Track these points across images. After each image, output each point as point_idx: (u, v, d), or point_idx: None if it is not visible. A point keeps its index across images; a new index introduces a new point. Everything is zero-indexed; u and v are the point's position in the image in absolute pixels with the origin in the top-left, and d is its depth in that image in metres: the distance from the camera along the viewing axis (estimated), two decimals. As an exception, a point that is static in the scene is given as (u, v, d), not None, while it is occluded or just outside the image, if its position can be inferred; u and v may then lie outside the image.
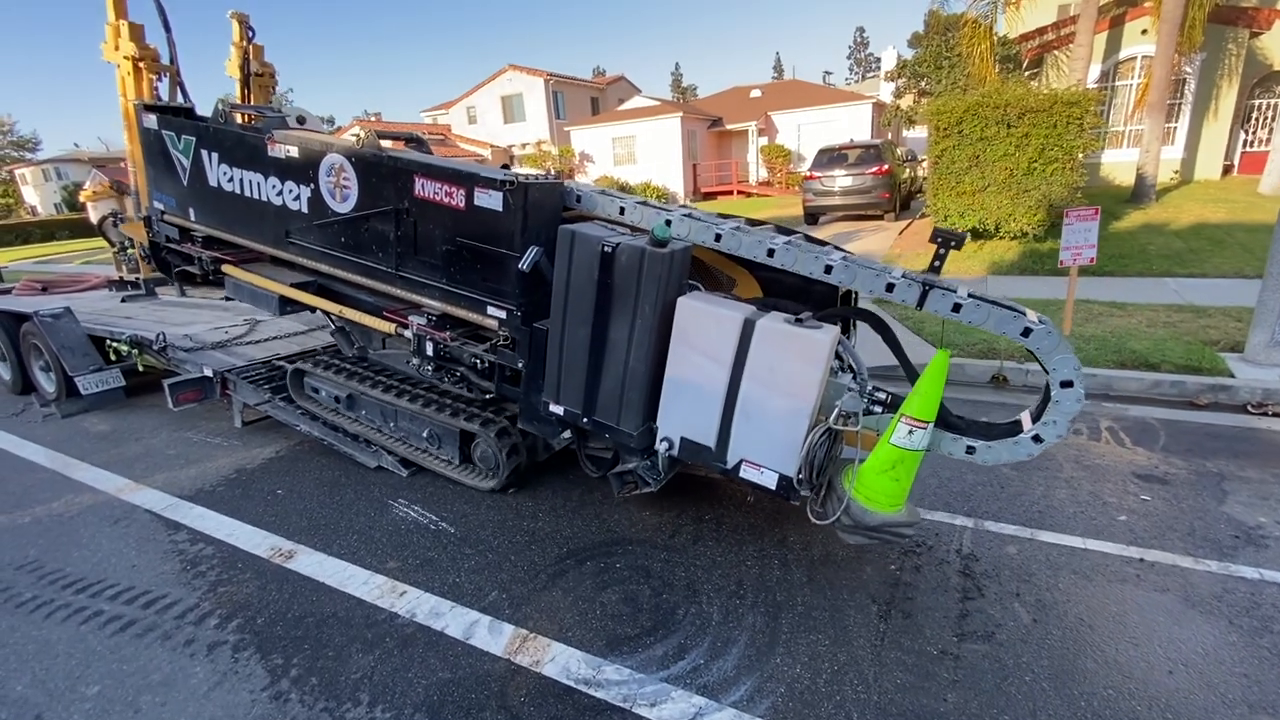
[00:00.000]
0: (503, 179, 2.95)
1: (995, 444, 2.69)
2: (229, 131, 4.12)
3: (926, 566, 3.02)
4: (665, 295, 2.72)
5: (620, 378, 2.87)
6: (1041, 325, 2.44)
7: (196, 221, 4.54)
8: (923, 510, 3.51)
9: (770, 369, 2.59)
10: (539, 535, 3.42)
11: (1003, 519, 3.40)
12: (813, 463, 2.59)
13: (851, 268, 2.66)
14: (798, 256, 2.75)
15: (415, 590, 2.99)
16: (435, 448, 4.05)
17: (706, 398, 2.74)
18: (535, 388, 3.23)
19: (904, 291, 2.56)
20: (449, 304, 3.40)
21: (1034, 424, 2.62)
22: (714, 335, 2.67)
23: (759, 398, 2.64)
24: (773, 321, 2.60)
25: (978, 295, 2.53)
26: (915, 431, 2.47)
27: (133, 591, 3.10)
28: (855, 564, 3.06)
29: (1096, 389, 5.21)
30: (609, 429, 3.00)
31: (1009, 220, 9.26)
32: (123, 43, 6.29)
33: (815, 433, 2.58)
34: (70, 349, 5.40)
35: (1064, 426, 2.55)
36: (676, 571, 3.04)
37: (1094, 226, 5.82)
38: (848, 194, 14.36)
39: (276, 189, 3.89)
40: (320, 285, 4.14)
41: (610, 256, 2.73)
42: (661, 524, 3.46)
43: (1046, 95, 8.67)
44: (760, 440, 2.69)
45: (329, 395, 4.50)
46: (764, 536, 3.31)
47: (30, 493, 4.27)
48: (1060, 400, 2.51)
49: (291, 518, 3.73)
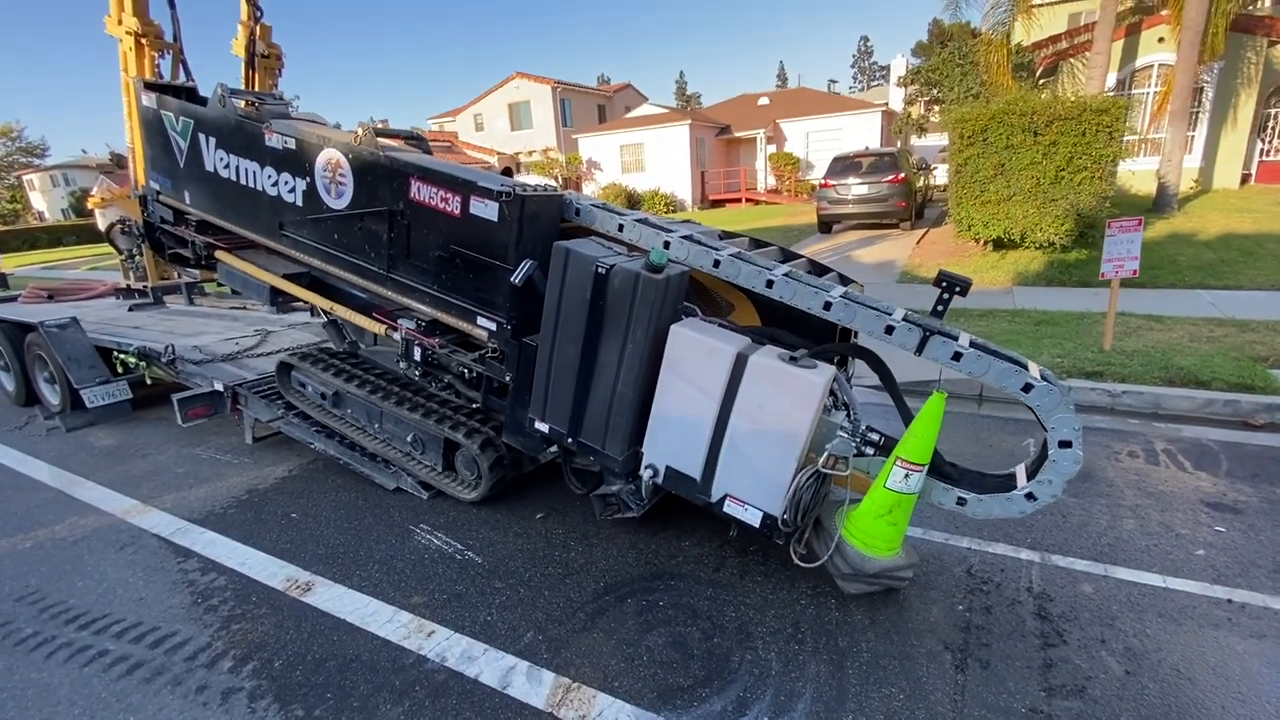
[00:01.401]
0: (499, 189, 2.86)
1: (987, 498, 2.62)
2: (227, 117, 4.00)
3: (997, 608, 2.79)
4: (658, 321, 2.66)
5: (608, 401, 2.80)
6: (1043, 382, 2.38)
7: (191, 205, 4.43)
8: (981, 541, 3.29)
9: (761, 406, 2.51)
10: (573, 567, 3.19)
11: (1071, 553, 3.17)
12: (798, 505, 2.54)
13: (851, 307, 2.59)
14: (797, 290, 2.68)
15: (444, 630, 2.77)
16: (419, 453, 3.93)
17: (694, 429, 2.68)
18: (521, 402, 3.16)
19: (903, 336, 2.50)
20: (439, 310, 3.32)
21: (1028, 481, 2.54)
22: (705, 367, 2.60)
23: (748, 434, 2.57)
24: (766, 358, 2.52)
25: (980, 345, 2.48)
26: (911, 475, 2.44)
27: (140, 628, 2.88)
28: (919, 604, 2.83)
29: (1144, 407, 4.99)
30: (594, 451, 2.92)
31: (1035, 230, 9.03)
32: (126, 17, 6.10)
33: (803, 474, 2.52)
34: (76, 360, 5.21)
35: (1059, 487, 2.48)
36: (725, 611, 2.81)
37: (1137, 238, 5.60)
38: (863, 202, 14.15)
39: (272, 179, 3.80)
40: (313, 278, 4.04)
41: (604, 278, 2.65)
42: (703, 556, 3.24)
43: (1075, 102, 8.47)
44: (746, 476, 2.63)
45: (315, 391, 4.35)
46: (818, 573, 3.08)
47: (33, 514, 4.06)
48: (1057, 460, 2.44)
49: (307, 545, 3.52)
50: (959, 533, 3.37)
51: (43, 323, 5.29)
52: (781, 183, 28.83)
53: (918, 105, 23.27)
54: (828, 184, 14.68)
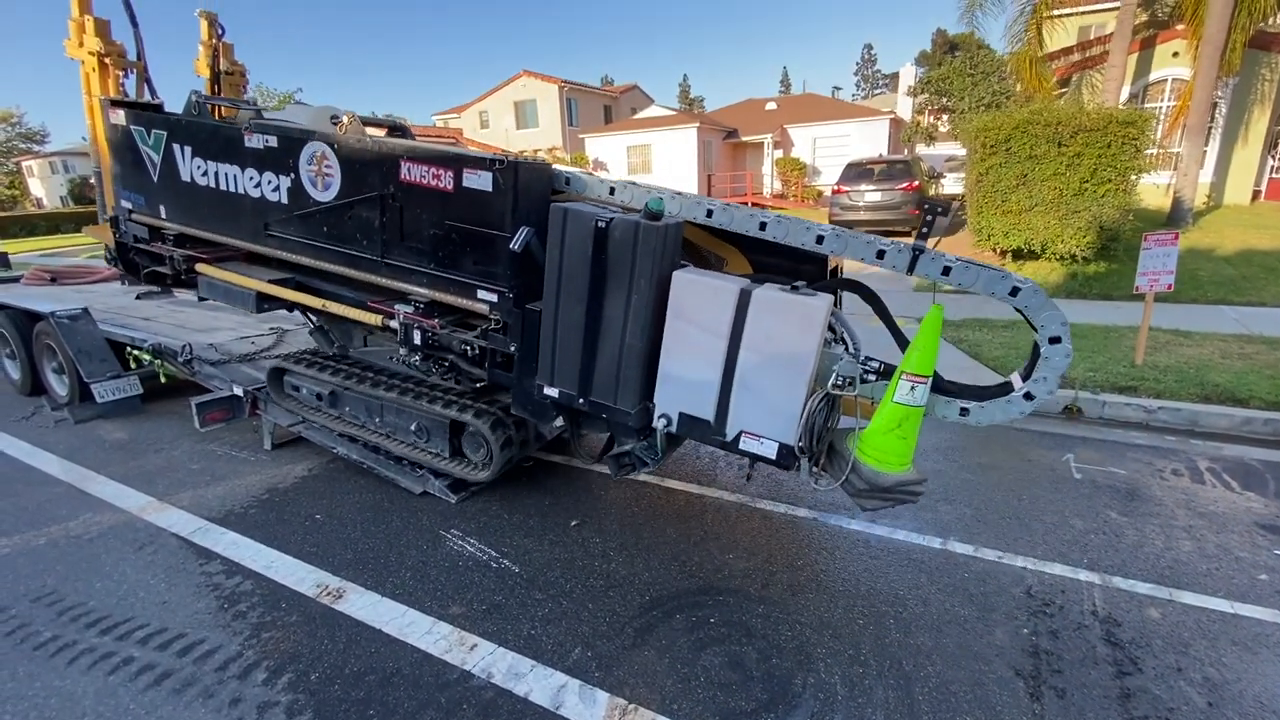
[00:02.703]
0: (492, 159, 2.91)
1: (988, 404, 2.70)
2: (203, 124, 4.00)
3: (1064, 631, 2.68)
4: (661, 269, 2.68)
5: (616, 356, 2.81)
6: (1027, 284, 2.49)
7: (168, 219, 4.38)
8: (1036, 560, 3.18)
9: (767, 338, 2.57)
10: (615, 579, 3.07)
11: (1131, 575, 3.06)
12: (813, 429, 2.59)
13: (843, 237, 2.69)
14: (789, 229, 2.75)
15: (487, 643, 2.65)
16: (424, 441, 3.88)
17: (704, 371, 2.71)
18: (528, 371, 3.13)
19: (895, 258, 2.61)
20: (437, 290, 3.31)
21: (1024, 382, 2.64)
22: (710, 307, 2.64)
23: (757, 367, 2.62)
24: (769, 291, 2.59)
25: (966, 260, 2.58)
26: (917, 387, 2.46)
27: (166, 634, 2.75)
28: (980, 626, 2.72)
29: (1180, 423, 4.90)
30: (606, 409, 2.91)
31: (1056, 241, 8.96)
32: (87, 38, 6.10)
33: (814, 399, 2.58)
34: (87, 353, 5.07)
35: (1054, 383, 2.57)
36: (781, 630, 2.70)
37: (1173, 252, 5.52)
38: (876, 209, 14.06)
39: (254, 180, 3.78)
40: (299, 281, 3.99)
41: (604, 232, 2.66)
42: (750, 570, 3.12)
43: (1101, 114, 8.40)
44: (759, 410, 2.66)
45: (309, 393, 4.28)
46: (872, 590, 2.97)
47: (45, 509, 3.92)
48: (1049, 356, 2.53)
49: (335, 548, 3.39)
50: (1012, 551, 3.26)
51: (54, 313, 5.14)
52: (788, 188, 28.78)
53: (925, 114, 23.20)
54: (840, 190, 14.60)
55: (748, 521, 3.60)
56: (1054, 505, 3.73)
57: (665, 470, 4.19)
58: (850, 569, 3.14)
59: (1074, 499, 3.81)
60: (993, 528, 3.49)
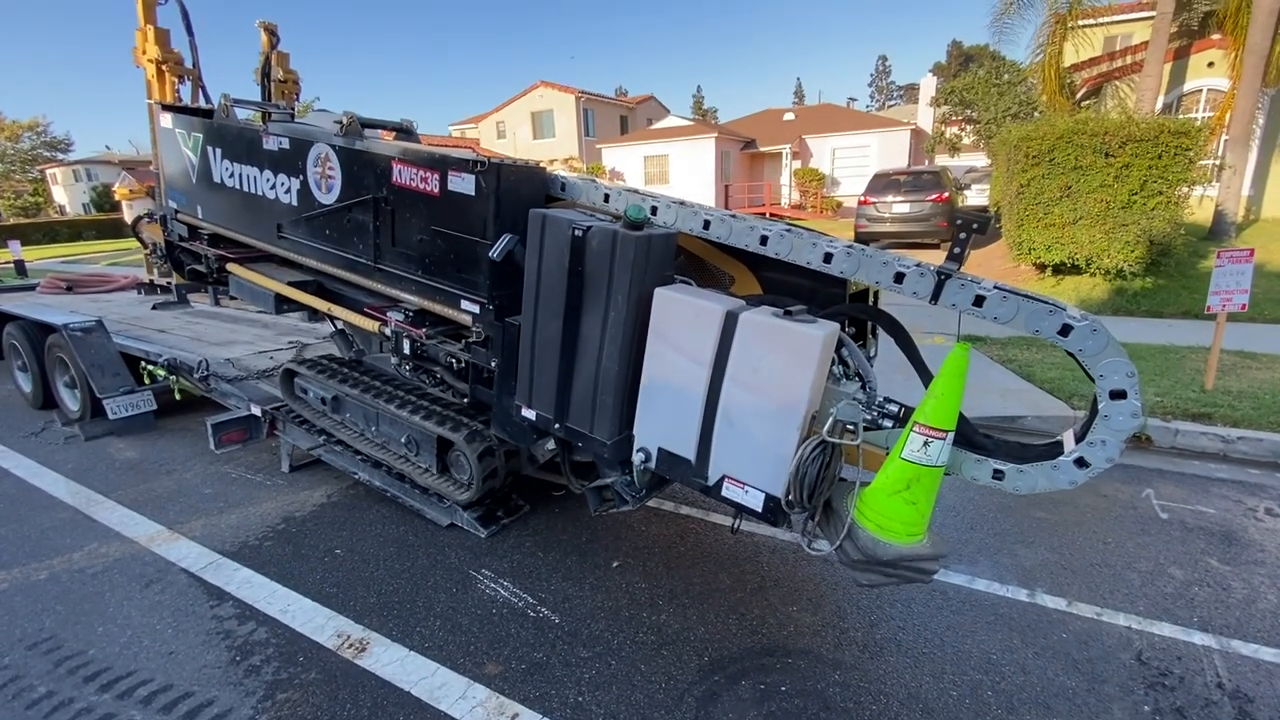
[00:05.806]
0: (474, 160, 2.74)
1: (1029, 468, 2.18)
2: (230, 126, 4.00)
3: (1190, 709, 2.33)
4: (640, 285, 2.38)
5: (593, 378, 2.54)
6: (1084, 321, 1.98)
7: (203, 219, 4.42)
8: (1140, 619, 2.83)
9: (754, 370, 2.21)
10: (667, 634, 2.76)
11: (1251, 637, 2.70)
12: (804, 481, 2.16)
13: (855, 255, 2.29)
14: (793, 244, 2.39)
15: (530, 712, 2.34)
16: (414, 455, 3.69)
17: (685, 403, 2.38)
18: (508, 389, 2.93)
19: (915, 283, 2.16)
20: (425, 298, 3.17)
21: (1078, 444, 2.11)
22: (693, 330, 2.32)
23: (743, 403, 2.26)
24: (758, 315, 2.22)
25: (1004, 287, 2.11)
26: (932, 443, 1.99)
27: (171, 693, 2.47)
28: (1093, 699, 2.38)
29: (1263, 455, 4.52)
30: (582, 437, 2.64)
31: (1102, 256, 8.57)
32: (149, 47, 6.58)
33: (807, 446, 2.15)
34: (100, 367, 4.85)
35: (1114, 448, 2.03)
36: (865, 703, 2.37)
37: (1248, 269, 5.15)
38: (904, 221, 13.73)
39: (270, 182, 3.77)
40: (319, 285, 3.92)
41: (581, 241, 2.42)
42: (819, 627, 2.80)
43: (1152, 124, 8.03)
44: (744, 453, 2.30)
45: (316, 397, 4.15)
46: (960, 652, 2.63)
47: (48, 537, 3.67)
48: (1110, 415, 2.00)
49: (357, 590, 3.10)
50: (1111, 606, 2.91)
51: (66, 325, 4.94)
52: (806, 198, 28.49)
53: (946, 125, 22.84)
54: (867, 201, 14.28)
55: (808, 566, 3.27)
56: (1145, 551, 3.37)
57: (711, 503, 3.88)
58: (931, 626, 2.80)
59: (1165, 543, 3.46)
60: (1082, 577, 3.14)
